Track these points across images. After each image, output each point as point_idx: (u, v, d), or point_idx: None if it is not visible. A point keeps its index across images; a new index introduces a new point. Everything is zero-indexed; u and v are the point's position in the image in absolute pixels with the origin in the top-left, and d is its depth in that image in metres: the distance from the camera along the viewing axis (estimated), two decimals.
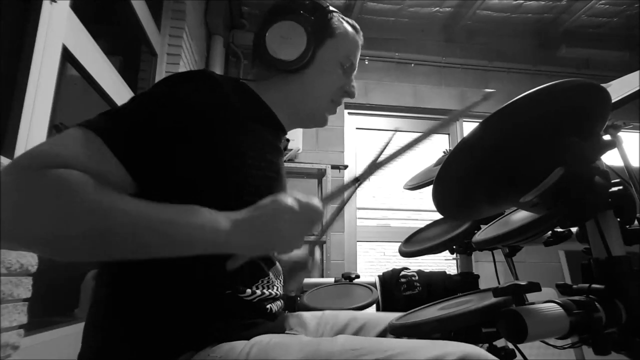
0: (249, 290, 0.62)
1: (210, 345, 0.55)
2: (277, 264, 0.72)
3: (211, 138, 0.58)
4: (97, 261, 0.59)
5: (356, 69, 0.80)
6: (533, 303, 0.60)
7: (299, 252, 0.89)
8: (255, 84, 0.74)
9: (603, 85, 0.60)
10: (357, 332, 0.80)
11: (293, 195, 0.54)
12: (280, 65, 0.70)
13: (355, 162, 3.04)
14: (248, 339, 0.56)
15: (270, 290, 0.67)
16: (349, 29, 0.77)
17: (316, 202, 0.56)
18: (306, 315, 0.84)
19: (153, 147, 0.53)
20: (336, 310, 0.87)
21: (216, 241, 0.49)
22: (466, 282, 1.20)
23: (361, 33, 0.79)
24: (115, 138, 0.51)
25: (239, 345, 0.54)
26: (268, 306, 0.66)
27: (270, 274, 0.68)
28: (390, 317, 0.83)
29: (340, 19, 0.76)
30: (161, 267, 0.54)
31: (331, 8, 0.75)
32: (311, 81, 0.74)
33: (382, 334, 0.79)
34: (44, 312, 1.07)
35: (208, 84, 0.61)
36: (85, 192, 0.45)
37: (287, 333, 0.75)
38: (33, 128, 0.91)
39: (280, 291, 0.72)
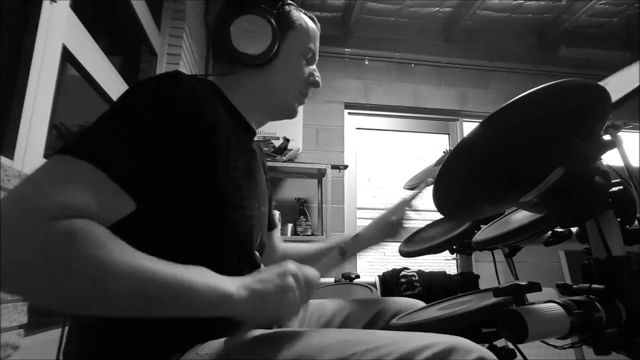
0: None
1: (198, 343, 0.55)
2: (261, 266, 0.72)
3: (193, 143, 0.56)
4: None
5: (317, 58, 0.80)
6: (533, 303, 0.60)
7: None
8: (221, 79, 0.73)
9: (600, 83, 0.60)
10: (344, 322, 0.81)
11: (293, 270, 0.55)
12: (246, 59, 0.70)
13: (355, 162, 3.05)
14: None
15: None
16: (307, 19, 0.78)
17: (315, 277, 0.58)
18: None
19: (143, 160, 0.51)
20: (322, 300, 0.88)
21: (222, 307, 0.48)
22: (466, 282, 1.20)
23: (318, 24, 0.80)
24: (110, 163, 0.48)
25: (226, 343, 0.54)
26: None
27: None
28: (377, 304, 0.83)
29: (299, 11, 0.77)
30: None
31: (289, 1, 0.75)
32: (277, 74, 0.74)
33: (370, 323, 0.80)
34: (44, 312, 1.07)
35: (182, 85, 0.59)
36: (98, 248, 0.43)
37: (276, 327, 0.76)
38: (33, 128, 0.91)
39: None
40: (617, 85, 0.78)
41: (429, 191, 0.72)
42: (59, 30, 1.02)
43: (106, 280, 0.43)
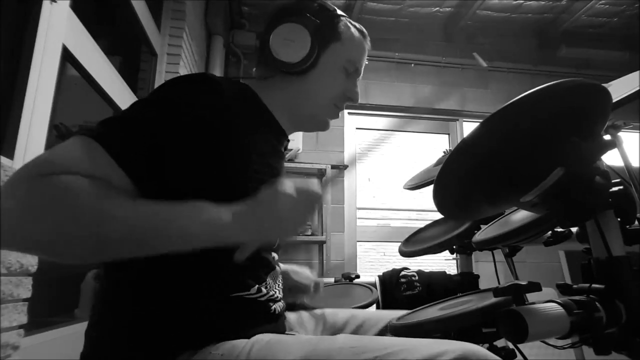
0: (254, 289, 0.62)
1: (211, 344, 0.55)
2: (277, 268, 0.72)
3: (214, 143, 0.57)
4: (99, 262, 0.59)
5: (361, 74, 0.79)
6: (533, 303, 0.60)
7: (306, 274, 0.90)
8: (256, 83, 0.73)
9: (604, 85, 0.60)
10: (356, 331, 0.81)
11: (291, 181, 0.54)
12: (282, 66, 0.70)
13: (355, 162, 3.05)
14: (248, 337, 0.56)
15: (272, 291, 0.67)
16: (356, 33, 0.76)
17: (314, 186, 0.56)
18: (305, 314, 0.84)
19: (156, 154, 0.53)
20: (335, 309, 0.87)
21: (219, 233, 0.50)
22: (466, 282, 1.20)
23: (368, 39, 0.79)
24: (119, 147, 0.51)
25: (240, 344, 0.54)
26: (273, 307, 0.66)
27: (268, 278, 0.68)
28: (389, 314, 0.83)
29: (348, 24, 0.76)
30: (165, 265, 0.55)
31: (339, 12, 0.75)
32: (313, 84, 0.73)
33: (382, 332, 0.79)
34: (44, 312, 1.07)
35: (210, 88, 0.60)
36: (87, 195, 0.46)
37: (286, 333, 0.75)
38: (33, 128, 0.91)
39: (281, 294, 0.72)
40: (619, 87, 0.78)
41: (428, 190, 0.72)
42: (59, 30, 1.02)
43: (91, 223, 0.45)
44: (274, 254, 0.72)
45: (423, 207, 3.04)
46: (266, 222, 0.52)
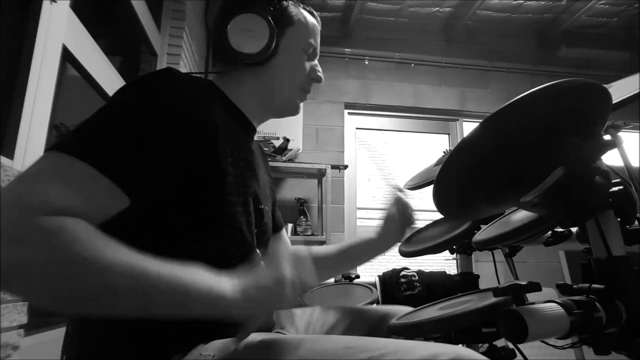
0: None
1: (201, 344, 0.55)
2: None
3: (190, 140, 0.56)
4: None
5: (319, 53, 0.80)
6: (533, 303, 0.60)
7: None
8: (221, 78, 0.73)
9: (605, 85, 0.60)
10: (347, 329, 0.81)
11: (290, 276, 0.52)
12: (245, 58, 0.70)
13: (355, 162, 3.04)
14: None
15: None
16: (306, 14, 0.77)
17: (312, 281, 0.56)
18: (296, 312, 0.84)
19: (137, 156, 0.51)
20: (326, 307, 0.88)
21: (216, 308, 0.48)
22: (466, 282, 1.20)
23: (318, 17, 0.79)
24: (102, 159, 0.48)
25: (231, 344, 0.54)
26: None
27: None
28: (379, 310, 0.83)
29: (296, 5, 0.76)
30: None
31: None
32: (278, 72, 0.73)
33: (372, 330, 0.79)
34: (44, 312, 1.07)
35: (179, 82, 0.59)
36: (85, 247, 0.42)
37: (277, 332, 0.75)
38: (33, 128, 0.91)
39: None
40: (620, 88, 0.78)
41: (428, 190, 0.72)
42: (59, 30, 1.02)
43: (94, 279, 0.42)
44: (258, 252, 0.71)
45: (423, 207, 3.04)
46: (266, 310, 0.53)
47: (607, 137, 0.70)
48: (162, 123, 0.54)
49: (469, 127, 3.25)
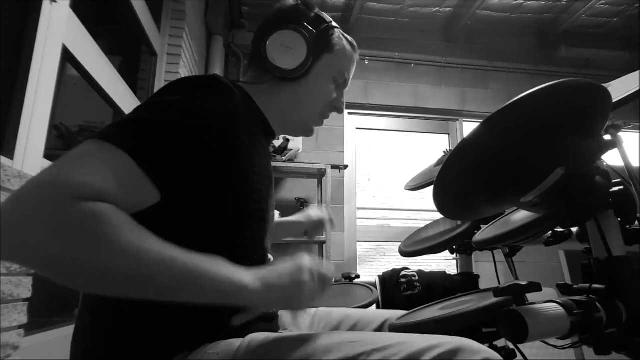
0: None
1: (206, 343, 0.55)
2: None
3: (227, 146, 0.58)
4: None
5: (348, 85, 0.82)
6: (533, 303, 0.60)
7: (314, 212, 1.05)
8: (248, 86, 0.75)
9: (604, 85, 0.60)
10: (351, 330, 0.81)
11: (309, 265, 0.56)
12: (277, 72, 0.72)
13: (355, 162, 3.04)
14: (243, 337, 0.56)
15: None
16: (348, 46, 0.79)
17: (330, 272, 0.59)
18: (299, 313, 0.84)
19: (176, 156, 0.53)
20: (329, 308, 0.88)
21: (235, 296, 0.50)
22: (466, 282, 1.20)
23: (358, 52, 0.82)
24: (141, 152, 0.49)
25: (235, 343, 0.55)
26: None
27: None
28: (384, 314, 0.83)
29: (341, 35, 0.78)
30: None
31: (334, 24, 0.77)
32: (304, 92, 0.76)
33: (376, 331, 0.80)
34: (44, 312, 1.07)
35: (223, 92, 0.62)
36: (120, 234, 0.44)
37: (280, 332, 0.76)
38: (33, 128, 0.91)
39: None
40: (619, 87, 0.78)
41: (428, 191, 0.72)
42: (59, 30, 1.02)
43: (123, 263, 0.43)
44: (270, 255, 0.72)
45: (423, 207, 3.04)
46: (284, 303, 0.55)
47: (607, 137, 0.70)
48: (199, 134, 0.55)
49: (469, 127, 3.25)
